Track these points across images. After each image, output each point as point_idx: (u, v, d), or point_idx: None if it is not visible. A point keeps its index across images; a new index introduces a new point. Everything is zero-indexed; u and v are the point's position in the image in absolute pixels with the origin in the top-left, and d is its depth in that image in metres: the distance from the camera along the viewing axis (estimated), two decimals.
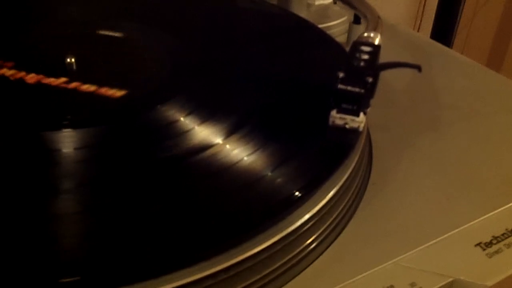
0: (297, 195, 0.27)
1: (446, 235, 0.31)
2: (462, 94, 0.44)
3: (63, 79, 0.34)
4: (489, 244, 0.30)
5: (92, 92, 0.33)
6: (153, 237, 0.25)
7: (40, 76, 0.34)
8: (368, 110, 0.32)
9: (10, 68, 0.34)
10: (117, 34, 0.41)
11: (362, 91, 0.30)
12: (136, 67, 0.37)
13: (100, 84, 0.34)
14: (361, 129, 0.31)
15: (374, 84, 0.31)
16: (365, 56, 0.32)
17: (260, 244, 0.26)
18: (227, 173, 0.28)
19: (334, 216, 0.30)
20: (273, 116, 0.33)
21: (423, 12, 1.01)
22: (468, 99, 0.44)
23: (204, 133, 0.31)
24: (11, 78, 0.34)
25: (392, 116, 0.41)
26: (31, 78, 0.34)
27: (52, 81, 0.34)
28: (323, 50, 0.41)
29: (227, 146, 0.30)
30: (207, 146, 0.30)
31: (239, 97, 0.35)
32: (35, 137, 0.30)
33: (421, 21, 1.02)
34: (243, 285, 0.26)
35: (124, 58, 0.38)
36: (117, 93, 0.33)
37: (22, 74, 0.34)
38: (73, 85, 0.34)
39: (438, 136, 0.39)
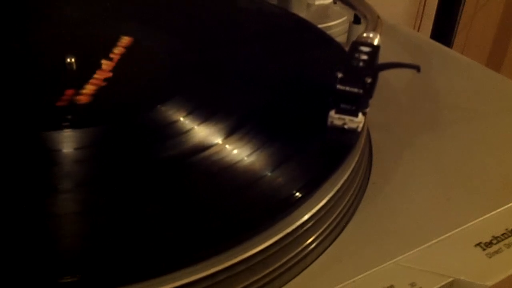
0: (297, 195, 0.27)
1: (446, 235, 0.31)
2: (462, 94, 0.44)
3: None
4: (489, 244, 0.30)
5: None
6: (153, 237, 0.25)
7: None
8: (367, 110, 0.32)
9: (74, 95, 0.33)
10: (117, 34, 0.41)
11: (361, 91, 0.30)
12: (136, 67, 0.37)
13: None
14: (359, 129, 0.31)
15: (373, 85, 0.31)
16: (364, 57, 0.32)
17: (260, 244, 0.26)
18: (227, 173, 0.28)
19: (334, 216, 0.30)
20: (273, 116, 0.33)
21: (423, 12, 1.01)
22: (468, 99, 0.44)
23: (204, 133, 0.31)
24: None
25: (392, 116, 0.41)
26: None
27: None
28: (323, 50, 0.41)
29: (227, 146, 0.30)
30: (207, 146, 0.30)
31: (238, 97, 0.35)
32: (35, 137, 0.30)
33: (421, 21, 1.02)
34: (243, 285, 0.26)
35: (124, 58, 0.38)
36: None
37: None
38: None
39: (438, 136, 0.39)
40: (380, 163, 0.36)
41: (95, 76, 0.35)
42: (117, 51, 0.37)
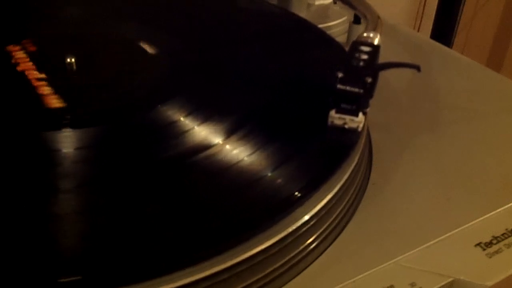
0: (297, 195, 0.27)
1: (446, 235, 0.31)
2: (462, 94, 0.44)
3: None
4: (489, 244, 0.30)
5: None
6: (153, 237, 0.25)
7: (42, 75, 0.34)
8: (367, 110, 0.32)
9: (27, 52, 0.34)
10: (116, 34, 0.41)
11: (361, 91, 0.30)
12: (136, 67, 0.37)
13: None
14: (360, 129, 0.31)
15: (373, 84, 0.31)
16: (364, 56, 0.32)
17: (261, 244, 0.26)
18: (227, 173, 0.28)
19: (334, 216, 0.30)
20: (273, 116, 0.33)
21: (423, 12, 1.01)
22: (468, 99, 0.44)
23: (204, 133, 0.31)
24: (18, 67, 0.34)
25: (392, 116, 0.41)
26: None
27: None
28: (323, 50, 0.41)
29: (227, 146, 0.30)
30: (207, 146, 0.30)
31: (239, 97, 0.35)
32: (35, 137, 0.30)
33: (421, 21, 1.02)
34: (243, 285, 0.26)
35: (124, 58, 0.38)
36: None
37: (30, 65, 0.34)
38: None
39: (438, 136, 0.39)
40: (380, 163, 0.36)
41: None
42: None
